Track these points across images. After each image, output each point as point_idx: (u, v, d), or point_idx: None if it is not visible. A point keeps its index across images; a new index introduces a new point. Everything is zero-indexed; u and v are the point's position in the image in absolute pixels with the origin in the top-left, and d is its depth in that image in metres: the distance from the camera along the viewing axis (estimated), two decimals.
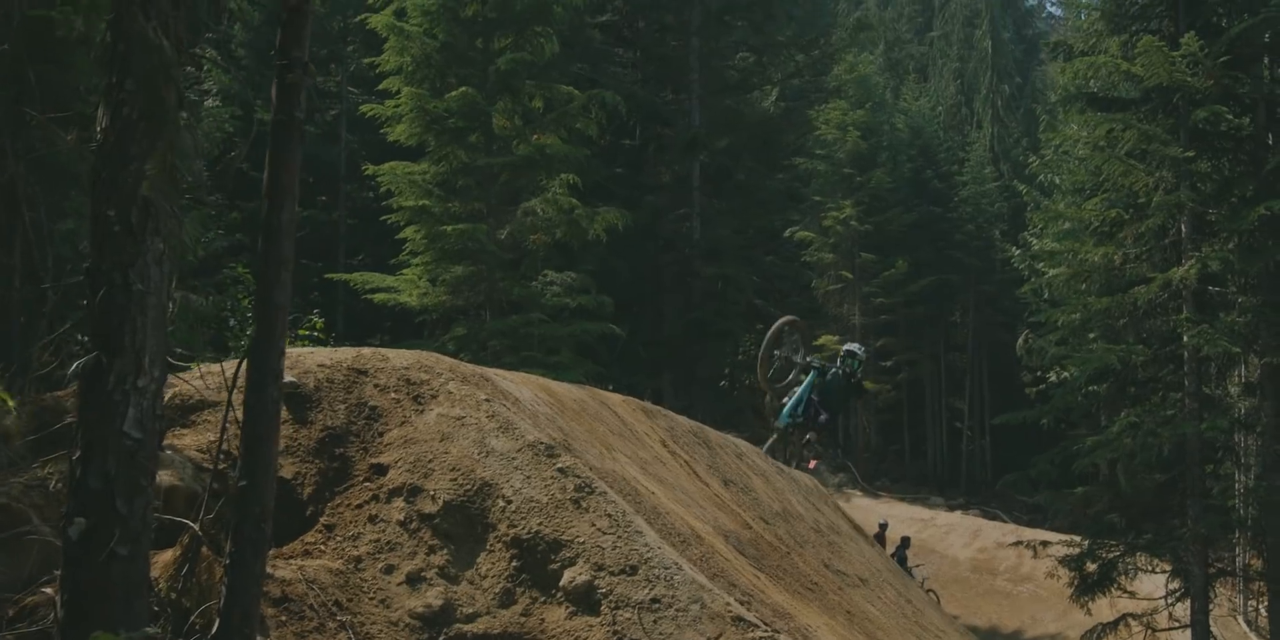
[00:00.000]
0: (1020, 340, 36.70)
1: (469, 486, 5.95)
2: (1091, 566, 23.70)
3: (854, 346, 11.04)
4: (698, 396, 33.17)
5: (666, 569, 5.71)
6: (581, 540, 5.73)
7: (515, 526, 5.79)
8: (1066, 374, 27.35)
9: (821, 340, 45.54)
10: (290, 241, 4.80)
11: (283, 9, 4.80)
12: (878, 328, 49.59)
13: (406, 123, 23.01)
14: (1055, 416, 25.96)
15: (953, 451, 53.54)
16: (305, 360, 6.61)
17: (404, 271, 23.51)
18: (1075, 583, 23.99)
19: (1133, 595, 23.79)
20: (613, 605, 5.51)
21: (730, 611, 5.68)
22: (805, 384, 11.08)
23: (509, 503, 5.87)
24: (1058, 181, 36.18)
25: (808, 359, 11.30)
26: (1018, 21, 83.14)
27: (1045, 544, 25.29)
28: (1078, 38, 27.51)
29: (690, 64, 33.75)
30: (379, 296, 23.33)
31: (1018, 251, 38.77)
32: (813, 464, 11.02)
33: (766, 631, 5.71)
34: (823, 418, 10.95)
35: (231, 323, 19.84)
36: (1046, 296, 30.85)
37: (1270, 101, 25.27)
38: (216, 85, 28.89)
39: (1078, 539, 25.07)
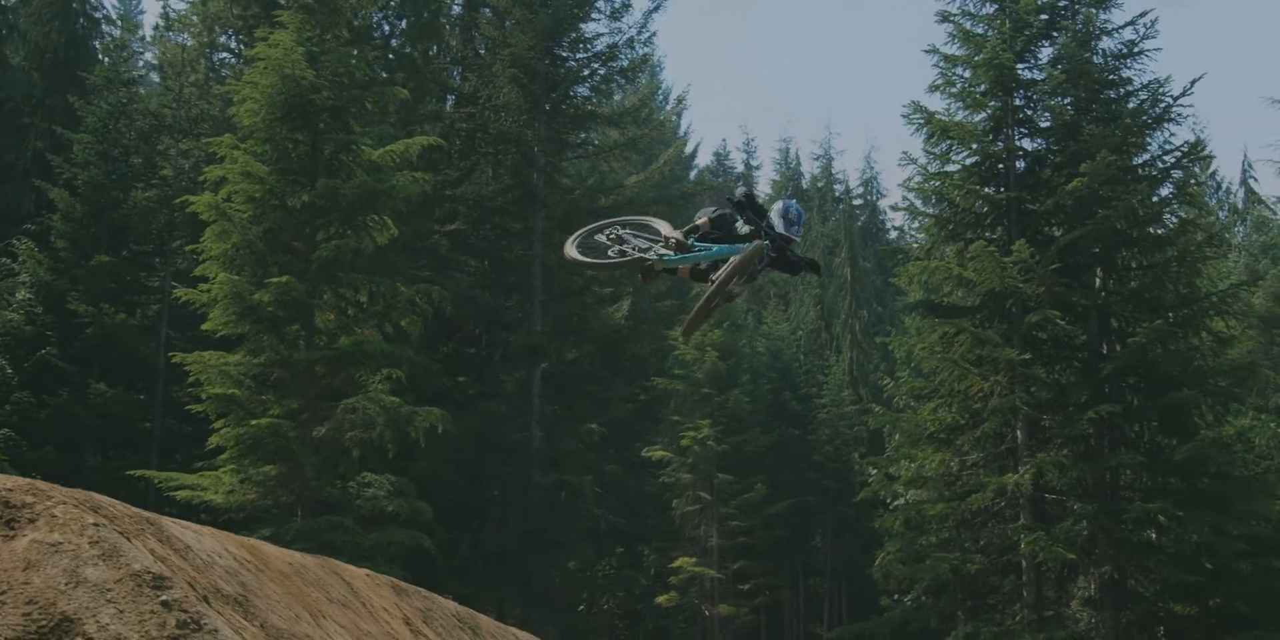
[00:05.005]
0: (877, 563, 35.90)
1: (45, 622, 4.83)
2: None
3: (778, 217, 8.80)
4: (538, 610, 31.64)
5: None
6: None
7: None
8: (924, 599, 26.52)
9: (678, 562, 44.35)
10: None
11: None
12: (736, 550, 48.30)
13: (220, 309, 22.00)
14: (894, 631, 24.95)
15: None
16: None
17: (210, 471, 22.14)
18: None
19: None
20: None
21: None
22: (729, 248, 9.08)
23: None
24: (910, 401, 36.08)
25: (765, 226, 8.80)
26: (879, 254, 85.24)
27: None
28: (915, 245, 27.82)
29: (534, 270, 33.52)
30: (182, 493, 21.84)
31: (874, 472, 38.24)
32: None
33: None
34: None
35: None
36: (893, 504, 30.16)
37: (1103, 311, 25.45)
38: (31, 277, 27.92)
39: None
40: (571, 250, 9.35)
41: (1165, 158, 27.41)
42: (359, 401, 22.43)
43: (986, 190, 27.07)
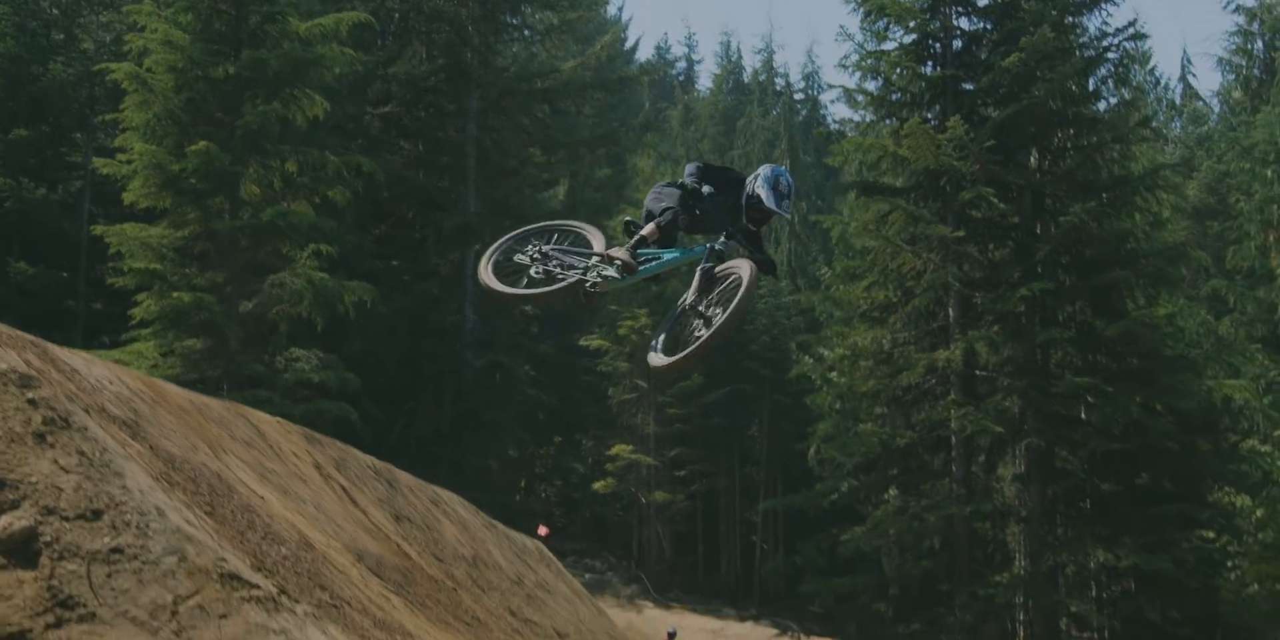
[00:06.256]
0: (812, 450, 36.12)
1: None
2: None
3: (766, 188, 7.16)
4: (474, 492, 31.69)
5: (143, 515, 4.43)
6: (34, 480, 4.43)
7: None
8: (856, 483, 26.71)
9: (615, 449, 44.57)
10: None
11: None
12: (672, 438, 48.60)
13: (140, 180, 21.47)
14: (827, 506, 25.19)
15: (747, 564, 52.39)
16: None
17: (133, 344, 21.77)
18: None
19: None
20: (56, 556, 4.20)
21: (223, 568, 4.42)
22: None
23: None
24: (842, 284, 36.04)
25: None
26: (819, 148, 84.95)
27: None
28: (852, 126, 27.62)
29: (468, 150, 33.01)
30: None
31: (809, 360, 38.31)
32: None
33: (267, 592, 4.45)
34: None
35: None
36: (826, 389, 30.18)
37: (1037, 190, 25.41)
38: None
39: None
40: (489, 277, 7.68)
41: (1101, 42, 27.30)
42: (286, 276, 22.09)
43: (923, 69, 26.86)
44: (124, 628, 4.04)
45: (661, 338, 7.24)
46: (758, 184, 7.21)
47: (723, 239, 7.15)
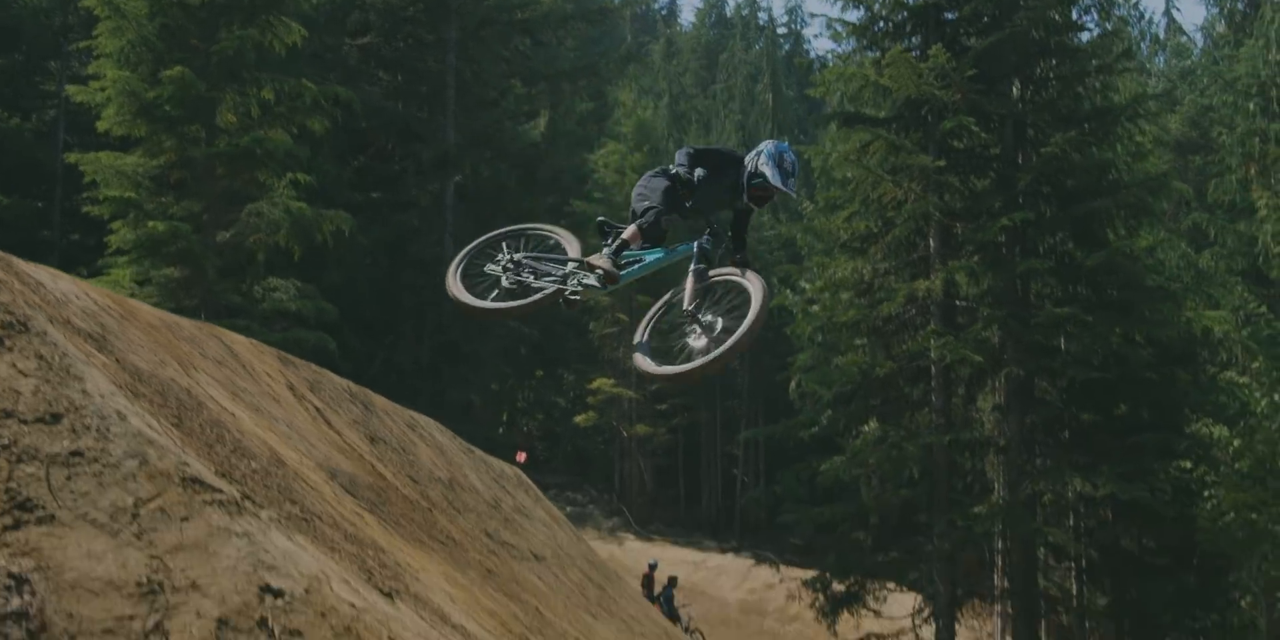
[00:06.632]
0: (793, 383, 36.15)
1: None
2: (839, 586, 22.91)
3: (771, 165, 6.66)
4: (455, 424, 31.70)
5: (103, 419, 4.37)
6: None
7: None
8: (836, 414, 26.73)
9: (596, 383, 44.62)
10: None
11: None
12: None
13: (114, 108, 21.24)
14: (808, 438, 25.27)
15: (728, 497, 52.75)
16: None
17: (110, 271, 21.64)
18: (820, 604, 23.21)
19: (878, 615, 23.06)
20: (14, 458, 4.14)
21: (185, 472, 4.36)
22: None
23: None
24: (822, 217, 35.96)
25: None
26: (801, 82, 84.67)
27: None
28: (834, 59, 27.44)
29: (447, 81, 32.71)
30: None
31: (789, 293, 38.29)
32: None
33: (230, 496, 4.41)
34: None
35: None
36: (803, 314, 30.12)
37: (1019, 120, 25.29)
38: None
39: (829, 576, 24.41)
40: (459, 290, 7.31)
41: None
42: (263, 205, 21.94)
43: None
44: (84, 530, 4.00)
45: (648, 337, 6.95)
46: (761, 161, 6.81)
47: (707, 235, 6.88)
